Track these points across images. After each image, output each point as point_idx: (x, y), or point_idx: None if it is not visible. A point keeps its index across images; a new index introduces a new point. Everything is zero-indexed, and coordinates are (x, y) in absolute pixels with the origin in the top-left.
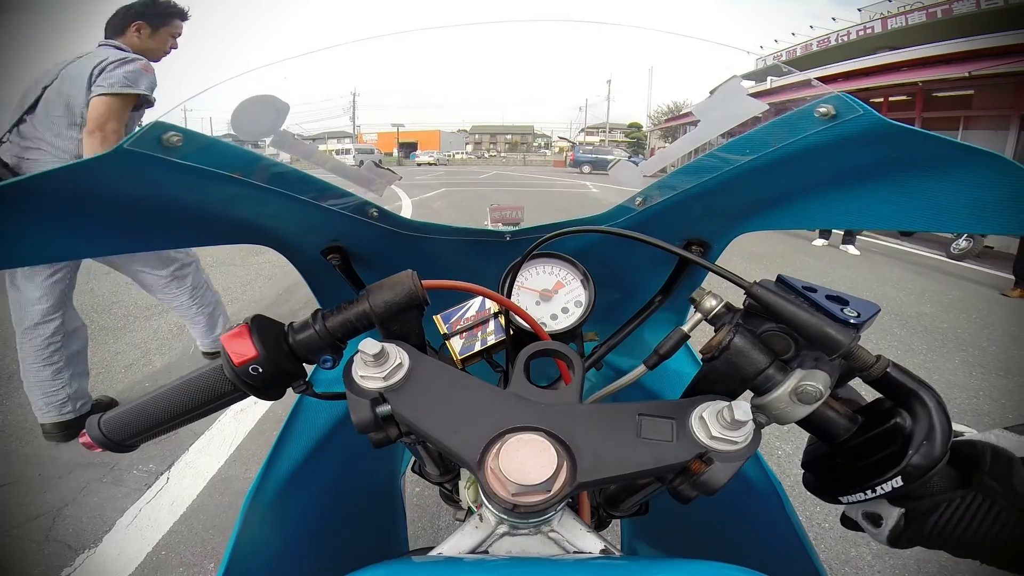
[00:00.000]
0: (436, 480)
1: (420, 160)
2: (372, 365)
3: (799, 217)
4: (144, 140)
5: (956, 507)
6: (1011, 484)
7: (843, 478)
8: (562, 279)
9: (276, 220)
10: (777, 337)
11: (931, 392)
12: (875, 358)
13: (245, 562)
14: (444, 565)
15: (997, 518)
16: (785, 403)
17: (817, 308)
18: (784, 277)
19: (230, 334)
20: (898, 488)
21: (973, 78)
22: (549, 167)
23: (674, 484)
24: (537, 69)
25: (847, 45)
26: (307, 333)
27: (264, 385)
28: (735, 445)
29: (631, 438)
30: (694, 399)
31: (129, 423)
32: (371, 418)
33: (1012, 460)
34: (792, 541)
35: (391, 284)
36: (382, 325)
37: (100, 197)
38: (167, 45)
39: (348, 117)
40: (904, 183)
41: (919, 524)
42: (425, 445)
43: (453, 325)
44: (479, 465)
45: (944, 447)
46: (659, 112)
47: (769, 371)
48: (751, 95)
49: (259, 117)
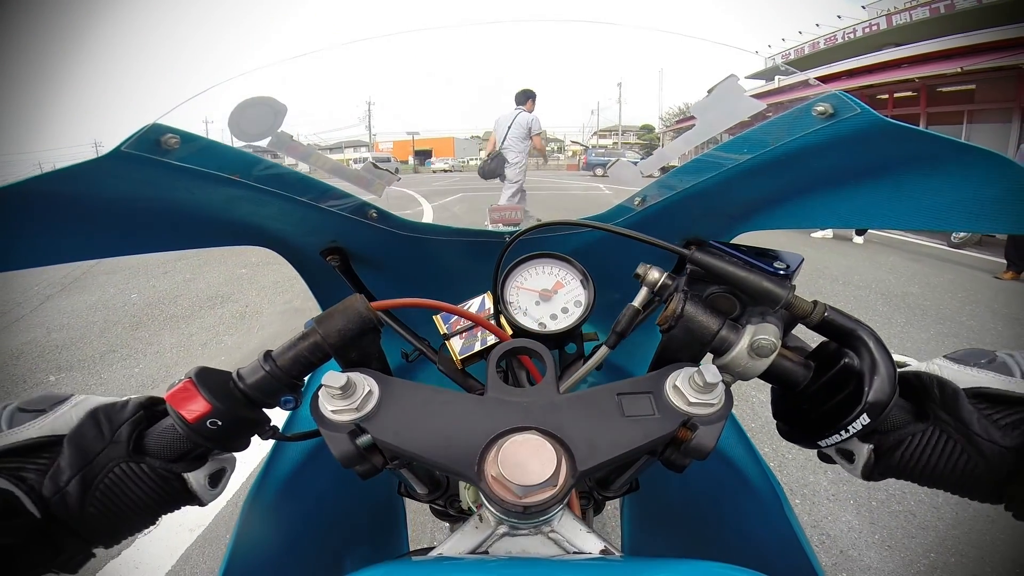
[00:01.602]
0: (426, 499)
1: (436, 167)
2: (340, 397)
3: (798, 216)
4: (142, 142)
5: (918, 441)
6: (960, 417)
7: (814, 423)
8: (562, 279)
9: (275, 221)
10: (722, 298)
11: (868, 329)
12: (812, 304)
13: (245, 562)
14: (444, 565)
15: (954, 450)
16: (745, 359)
17: (751, 266)
18: (714, 242)
19: (174, 392)
20: (867, 425)
21: (969, 72)
22: (563, 170)
23: (666, 455)
24: (548, 73)
25: (854, 42)
26: (258, 376)
27: (225, 437)
28: (713, 407)
29: (617, 419)
30: (663, 370)
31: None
32: (353, 451)
33: (957, 392)
34: (790, 541)
35: (341, 311)
36: (338, 355)
37: (99, 200)
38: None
39: (364, 126)
40: (902, 182)
41: (888, 458)
42: (410, 466)
43: (453, 325)
44: (479, 475)
45: (892, 381)
46: (671, 114)
47: (723, 332)
48: (760, 94)
49: (257, 119)
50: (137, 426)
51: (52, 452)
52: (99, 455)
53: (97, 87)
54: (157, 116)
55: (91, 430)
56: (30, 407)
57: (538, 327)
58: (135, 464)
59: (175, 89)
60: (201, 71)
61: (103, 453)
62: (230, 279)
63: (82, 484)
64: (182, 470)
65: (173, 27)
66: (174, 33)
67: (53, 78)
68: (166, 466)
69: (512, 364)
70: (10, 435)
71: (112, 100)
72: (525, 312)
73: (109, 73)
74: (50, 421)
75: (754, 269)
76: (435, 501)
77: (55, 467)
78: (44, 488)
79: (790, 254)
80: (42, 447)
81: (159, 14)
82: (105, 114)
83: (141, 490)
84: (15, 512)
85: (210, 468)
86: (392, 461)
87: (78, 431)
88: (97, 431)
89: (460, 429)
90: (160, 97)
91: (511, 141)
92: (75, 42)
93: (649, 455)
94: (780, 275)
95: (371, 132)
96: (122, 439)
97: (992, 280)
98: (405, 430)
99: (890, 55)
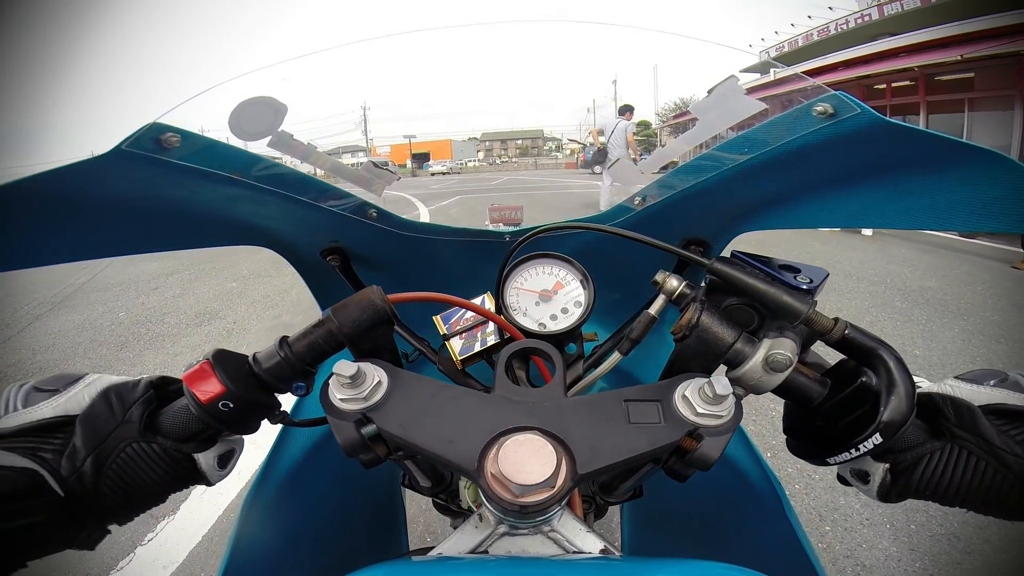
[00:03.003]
0: (429, 492)
1: (434, 170)
2: (349, 387)
3: (799, 216)
4: (142, 141)
5: (938, 459)
6: (980, 433)
7: (825, 440)
8: (561, 279)
9: (275, 221)
10: (740, 310)
11: (889, 349)
12: (833, 321)
13: (245, 562)
14: (444, 565)
15: (976, 467)
16: (759, 373)
17: (772, 279)
18: (739, 253)
19: (191, 372)
20: (879, 444)
21: (969, 60)
22: (561, 169)
23: (669, 464)
24: (543, 73)
25: (847, 33)
26: (273, 361)
27: (237, 420)
28: (721, 419)
29: (622, 425)
30: (674, 379)
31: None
32: (358, 439)
33: (973, 410)
34: (791, 541)
35: (357, 302)
36: (352, 345)
37: (99, 199)
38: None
39: (360, 131)
40: (903, 181)
41: (905, 478)
42: (415, 459)
43: (453, 326)
44: (478, 472)
45: (911, 400)
46: (667, 109)
47: (738, 344)
48: (756, 87)
49: (257, 118)
50: (148, 405)
51: (66, 431)
52: (111, 435)
53: (94, 94)
54: (157, 115)
55: (103, 410)
56: (45, 387)
57: (538, 328)
58: (146, 444)
59: (173, 93)
60: (199, 72)
61: (115, 433)
62: (219, 294)
63: (96, 463)
64: (192, 450)
65: (170, 31)
66: (171, 37)
67: (52, 81)
68: (177, 446)
69: (514, 364)
70: (26, 414)
71: (108, 107)
72: (525, 312)
73: (107, 77)
74: (63, 401)
75: (775, 282)
76: (438, 495)
77: (71, 447)
78: (63, 468)
79: (814, 268)
80: (57, 426)
81: (159, 15)
82: (102, 127)
83: (152, 469)
84: (41, 491)
85: (219, 449)
86: (395, 452)
87: (91, 411)
88: (109, 411)
89: (464, 425)
90: (158, 100)
91: (615, 140)
92: (74, 43)
93: (652, 463)
94: (802, 290)
95: (368, 137)
96: (134, 419)
97: (1010, 270)
98: (410, 422)
99: (887, 44)
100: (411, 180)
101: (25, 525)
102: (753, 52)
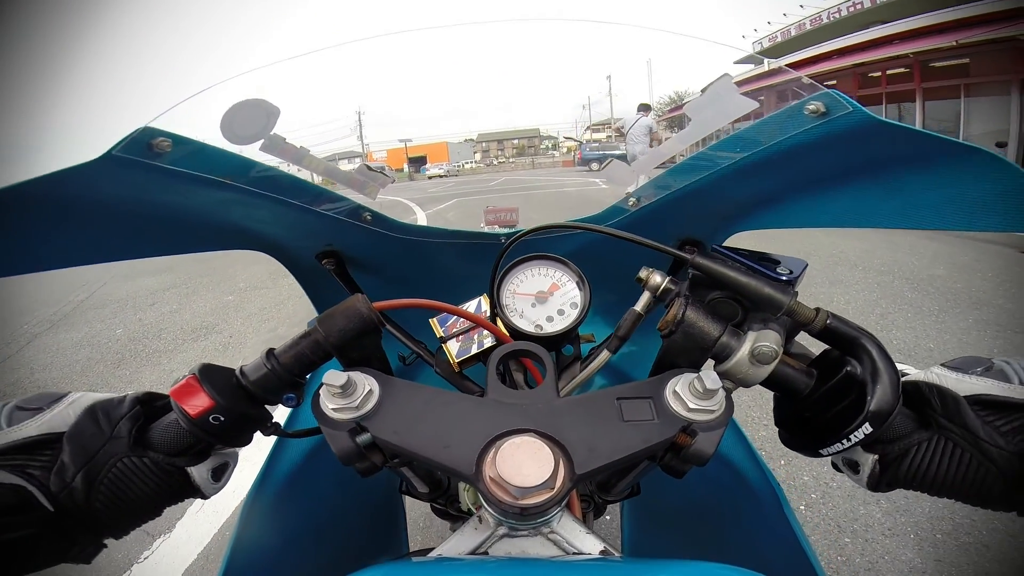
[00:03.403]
0: (427, 498)
1: (431, 173)
2: (341, 396)
3: (793, 216)
4: (133, 146)
5: (925, 451)
6: (965, 425)
7: (816, 431)
8: (557, 281)
9: (269, 225)
10: (724, 304)
11: (871, 338)
12: (815, 311)
13: (245, 562)
14: (444, 566)
15: (961, 459)
16: (746, 366)
17: (753, 271)
18: (718, 247)
19: (179, 387)
20: (869, 434)
21: (964, 46)
22: (558, 167)
23: (665, 460)
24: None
25: (839, 22)
26: (260, 374)
27: (228, 433)
28: (712, 413)
29: (616, 423)
30: (663, 375)
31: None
32: (353, 448)
33: (958, 400)
34: (790, 541)
35: (342, 311)
36: (340, 354)
37: (91, 204)
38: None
39: (356, 137)
40: (896, 180)
41: (894, 469)
42: (411, 465)
43: (449, 328)
44: (477, 476)
45: (896, 389)
46: (662, 104)
47: (724, 338)
48: (750, 78)
49: (249, 121)
50: (136, 421)
51: (53, 449)
52: (100, 451)
53: (94, 94)
54: (148, 119)
55: (90, 427)
56: (28, 405)
57: (534, 329)
58: (137, 458)
59: (173, 93)
60: (199, 73)
61: (104, 449)
62: (216, 308)
63: (87, 479)
64: (185, 464)
65: (170, 32)
66: (171, 37)
67: (52, 82)
68: (169, 460)
69: (510, 366)
70: (10, 433)
71: (108, 108)
72: (521, 314)
73: (107, 77)
74: (48, 419)
75: (756, 275)
76: (436, 500)
77: (59, 463)
78: (51, 484)
79: (794, 260)
80: (43, 444)
81: (159, 15)
82: (101, 127)
83: (145, 483)
84: (29, 506)
85: (213, 463)
86: (392, 460)
87: (77, 428)
88: (96, 427)
89: (459, 430)
90: (158, 100)
91: (634, 135)
92: (73, 43)
93: (648, 460)
94: (782, 281)
95: (363, 142)
96: (122, 434)
97: (1018, 255)
98: (404, 429)
99: (880, 32)
100: (408, 184)
101: (16, 539)
102: (745, 45)
